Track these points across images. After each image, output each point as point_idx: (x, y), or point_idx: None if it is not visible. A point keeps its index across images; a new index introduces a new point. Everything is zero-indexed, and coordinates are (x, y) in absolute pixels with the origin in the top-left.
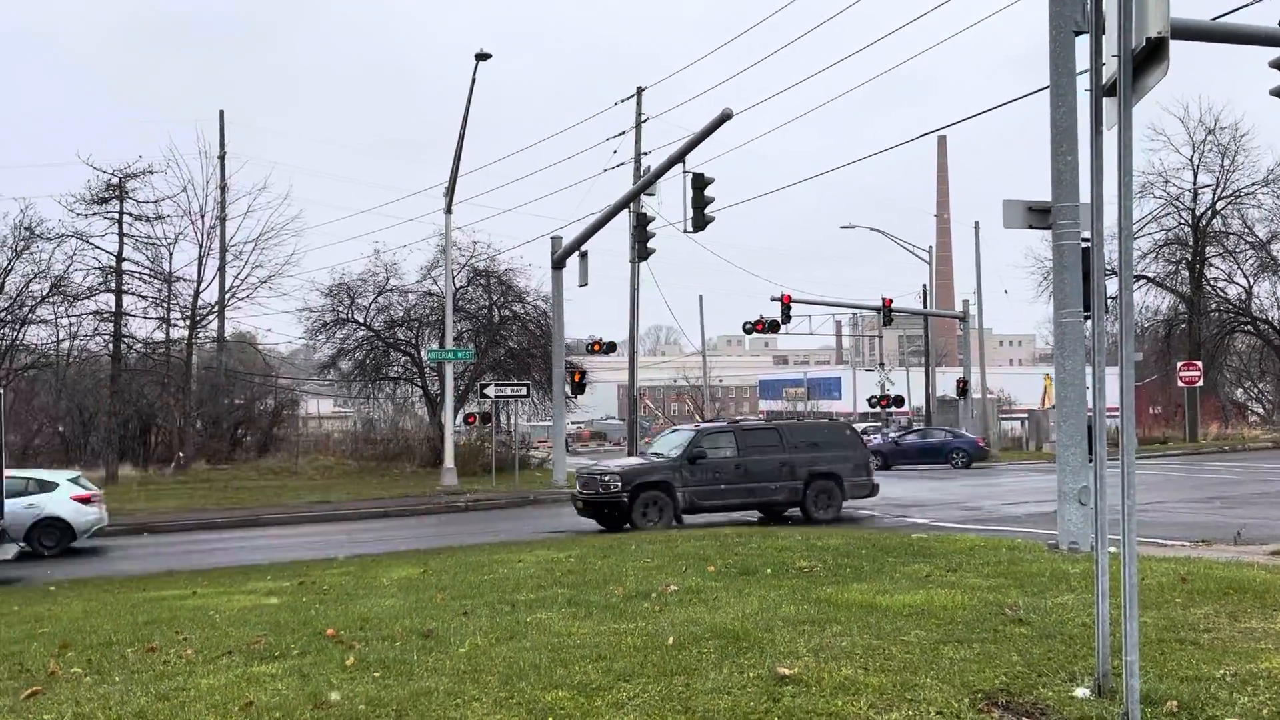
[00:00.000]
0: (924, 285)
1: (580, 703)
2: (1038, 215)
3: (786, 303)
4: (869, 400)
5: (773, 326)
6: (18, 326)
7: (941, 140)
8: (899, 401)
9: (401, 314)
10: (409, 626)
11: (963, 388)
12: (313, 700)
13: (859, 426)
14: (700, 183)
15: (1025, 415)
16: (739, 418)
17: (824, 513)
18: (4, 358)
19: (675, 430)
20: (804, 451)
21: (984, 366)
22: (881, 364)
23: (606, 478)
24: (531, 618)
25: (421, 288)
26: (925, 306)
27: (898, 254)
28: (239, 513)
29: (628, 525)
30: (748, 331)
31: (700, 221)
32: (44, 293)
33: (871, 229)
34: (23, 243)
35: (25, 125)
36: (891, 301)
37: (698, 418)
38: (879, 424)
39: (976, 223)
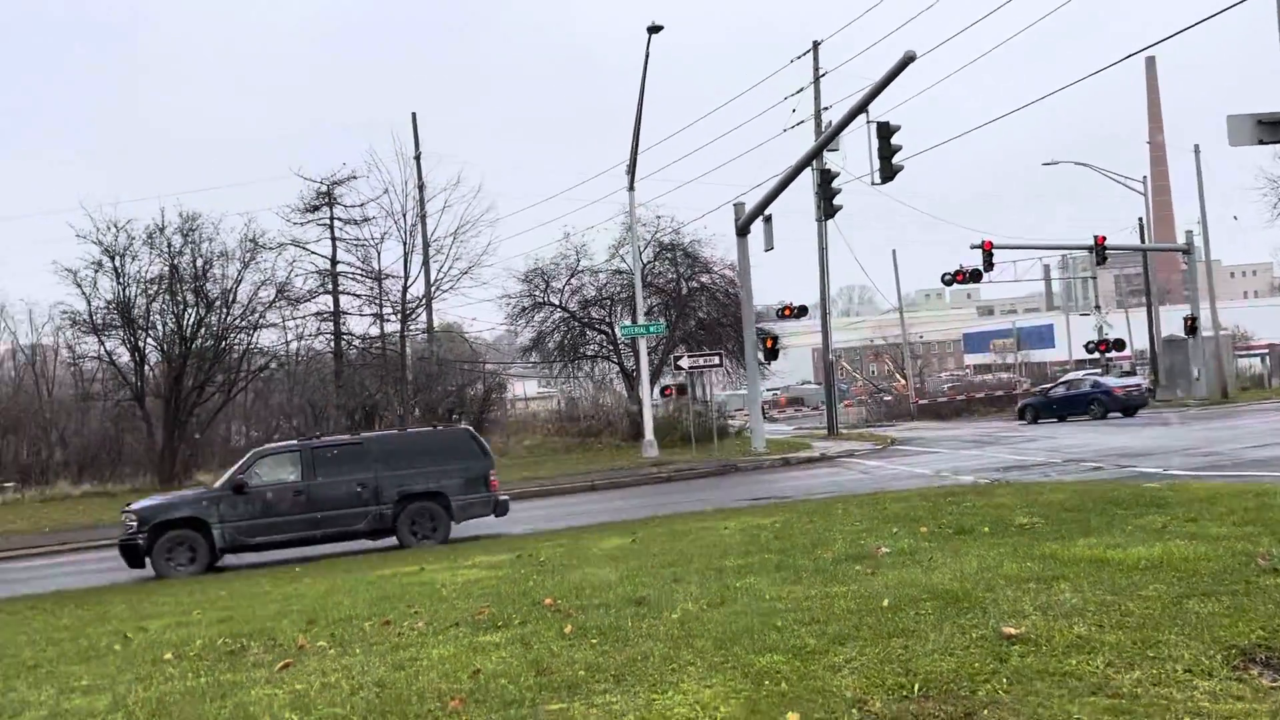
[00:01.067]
0: (1139, 219)
1: (796, 666)
2: (1269, 129)
3: (988, 249)
4: (1086, 346)
5: (974, 276)
6: (251, 331)
7: (1150, 61)
8: (1119, 345)
9: (594, 293)
10: (622, 594)
11: (1191, 326)
12: (535, 667)
13: (1076, 374)
14: (886, 131)
15: (1265, 351)
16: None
17: (425, 540)
18: (242, 361)
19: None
20: (398, 468)
21: (1214, 301)
22: (1097, 306)
23: (125, 517)
24: (741, 583)
25: (610, 266)
26: (1143, 241)
27: (1106, 191)
28: None
29: (153, 571)
30: (947, 283)
31: (888, 172)
32: (271, 299)
33: (1077, 163)
34: (249, 254)
35: (243, 145)
36: (1105, 239)
37: (899, 378)
38: (1097, 370)
39: (1196, 146)
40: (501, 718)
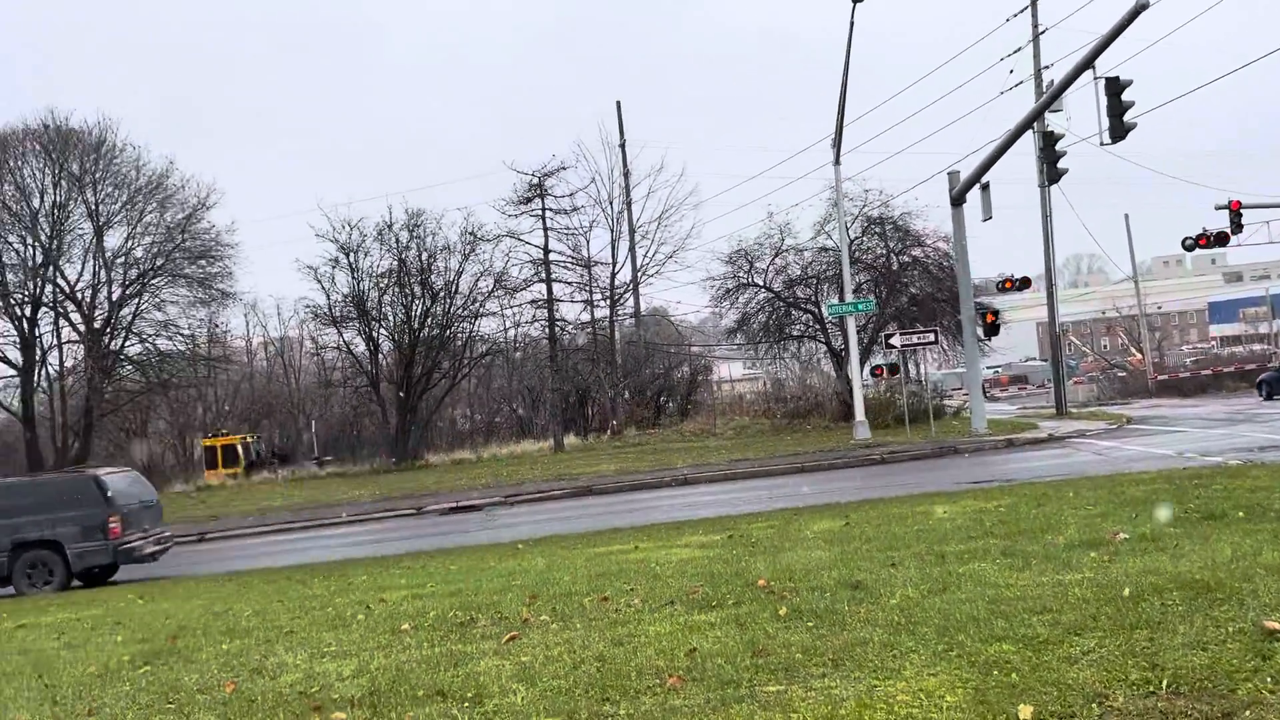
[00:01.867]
0: None
1: (1027, 656)
2: None
3: (1235, 209)
4: None
5: (1219, 239)
6: (473, 320)
7: None
8: None
9: (799, 272)
10: (836, 578)
11: None
12: (751, 648)
13: None
14: (1115, 88)
15: None
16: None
17: (45, 586)
18: (465, 348)
19: None
20: (12, 516)
21: None
22: None
23: None
24: (964, 569)
25: (815, 244)
26: None
27: None
28: (668, 474)
29: None
30: (1188, 248)
31: (1120, 130)
32: (489, 288)
33: None
34: (469, 246)
35: (459, 143)
36: None
37: (1134, 352)
38: None
39: None
40: (719, 697)
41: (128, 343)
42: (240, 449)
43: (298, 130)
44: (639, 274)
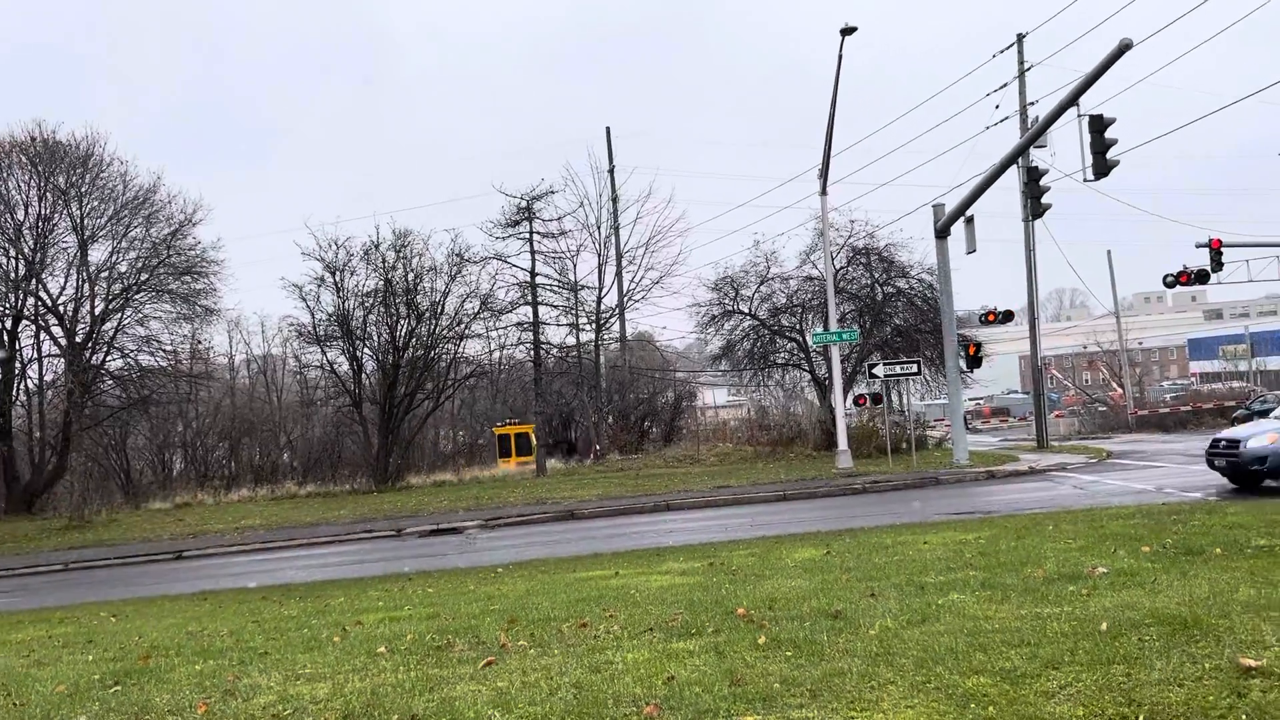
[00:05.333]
0: None
1: (1005, 690)
2: None
3: (1216, 248)
4: None
5: (1200, 277)
6: (458, 341)
7: None
8: None
9: (784, 300)
10: (816, 607)
11: None
12: (729, 677)
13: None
14: (1099, 125)
15: None
16: (1169, 383)
17: None
18: (449, 369)
19: None
20: None
21: None
22: None
23: None
24: (943, 600)
25: (801, 273)
26: None
27: None
28: (650, 499)
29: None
30: (1169, 285)
31: (1102, 167)
32: (475, 310)
33: None
34: (455, 268)
35: (450, 163)
36: None
37: (1115, 386)
38: None
39: None
40: None
41: (109, 357)
42: (533, 436)
43: (290, 149)
44: (625, 298)
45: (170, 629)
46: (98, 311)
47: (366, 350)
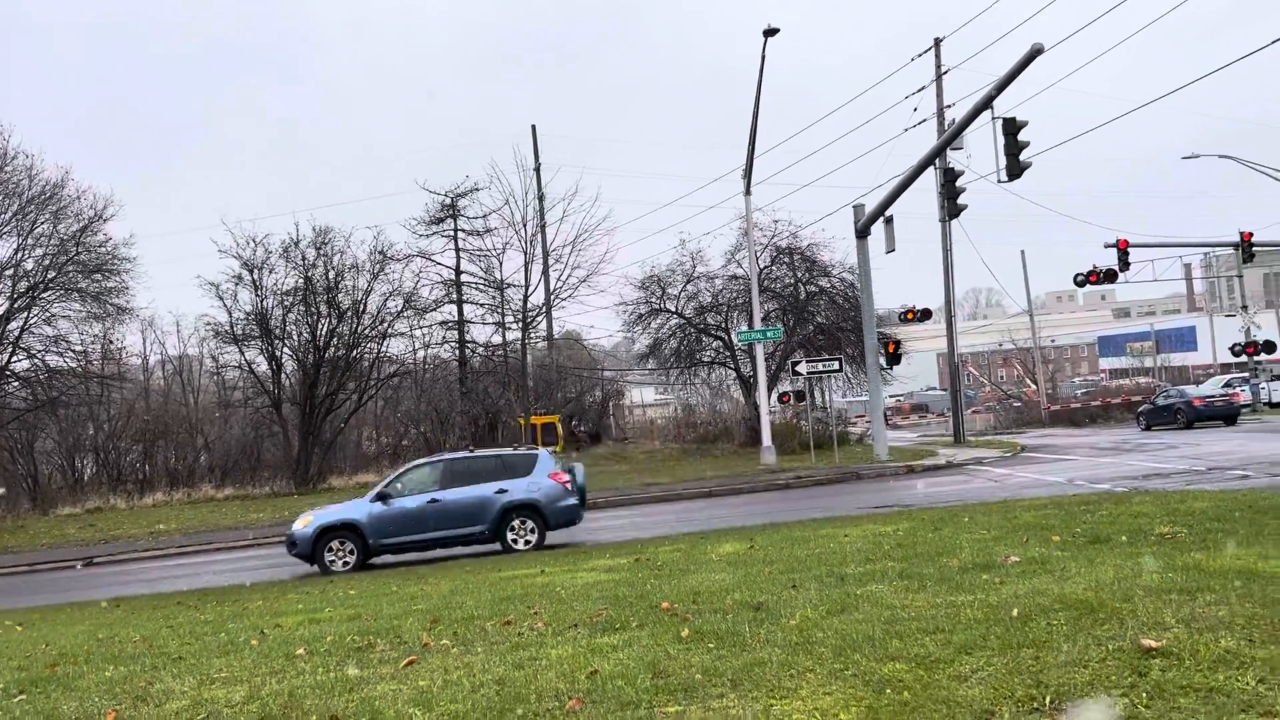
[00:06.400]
0: None
1: (919, 675)
2: None
3: (1123, 248)
4: (1232, 349)
5: (1108, 276)
6: (380, 340)
7: None
8: (1269, 348)
9: (710, 299)
10: (739, 600)
11: None
12: (652, 670)
13: (1222, 378)
14: (1012, 128)
15: None
16: (1080, 379)
17: None
18: (372, 369)
19: None
20: None
21: None
22: (1244, 307)
23: None
24: (862, 590)
25: (726, 272)
26: None
27: (1254, 187)
28: None
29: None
30: (1079, 284)
31: (1015, 169)
32: (399, 309)
33: (1221, 156)
34: (378, 266)
35: (372, 160)
36: (1251, 235)
37: (1029, 383)
38: (1244, 375)
39: None
40: (618, 718)
41: (14, 358)
42: (559, 426)
43: (207, 145)
44: (552, 297)
45: (80, 636)
46: (2, 311)
47: (286, 350)
